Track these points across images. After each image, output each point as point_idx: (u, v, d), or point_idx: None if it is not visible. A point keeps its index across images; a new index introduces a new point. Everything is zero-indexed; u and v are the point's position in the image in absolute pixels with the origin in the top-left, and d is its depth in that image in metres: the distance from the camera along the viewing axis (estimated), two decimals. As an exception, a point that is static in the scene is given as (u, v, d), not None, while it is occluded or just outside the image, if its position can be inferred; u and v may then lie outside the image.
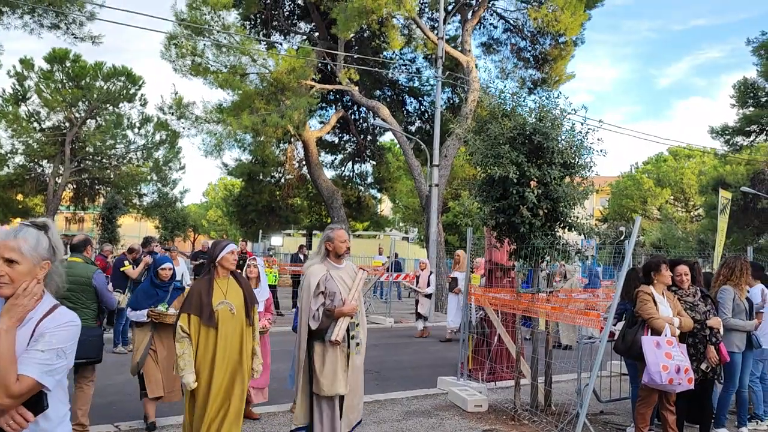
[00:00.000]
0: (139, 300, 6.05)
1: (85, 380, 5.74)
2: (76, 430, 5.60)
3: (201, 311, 4.57)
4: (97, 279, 5.83)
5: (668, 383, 5.44)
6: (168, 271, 6.20)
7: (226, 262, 4.82)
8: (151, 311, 5.93)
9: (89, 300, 5.77)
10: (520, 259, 7.03)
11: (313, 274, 4.92)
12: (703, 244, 29.67)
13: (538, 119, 6.94)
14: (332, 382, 4.76)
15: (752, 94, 30.99)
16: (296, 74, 20.35)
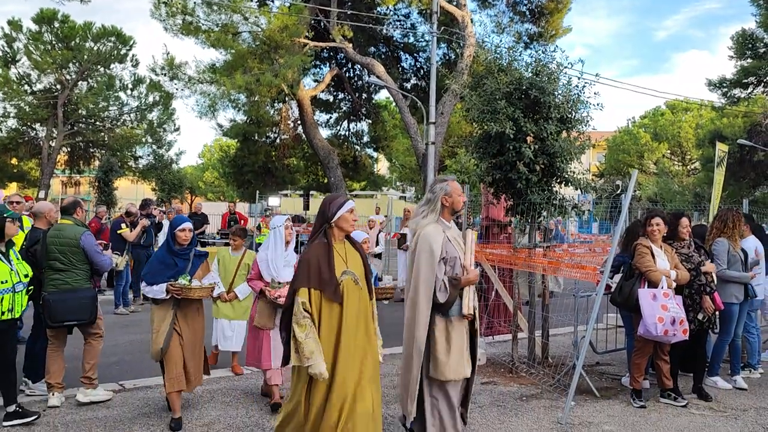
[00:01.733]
0: (155, 272, 5.12)
1: (91, 336, 5.81)
2: (84, 383, 5.71)
3: (324, 284, 3.70)
4: (84, 240, 5.76)
5: (663, 335, 5.54)
6: (188, 233, 5.26)
7: (345, 222, 3.90)
8: (170, 285, 5.06)
9: (79, 261, 5.72)
10: (516, 215, 7.06)
11: (432, 238, 4.18)
12: (699, 197, 29.78)
13: (534, 74, 6.89)
14: (458, 364, 4.14)
15: (750, 45, 30.67)
16: (289, 32, 20.05)
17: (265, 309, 5.59)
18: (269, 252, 5.63)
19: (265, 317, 5.59)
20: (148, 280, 5.14)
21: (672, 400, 6.02)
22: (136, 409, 5.53)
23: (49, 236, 5.75)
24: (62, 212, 6.01)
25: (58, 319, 5.51)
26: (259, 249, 5.76)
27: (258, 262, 5.69)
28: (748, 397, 6.35)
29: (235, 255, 6.84)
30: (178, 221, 5.32)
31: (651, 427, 5.40)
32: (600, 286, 5.69)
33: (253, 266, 5.83)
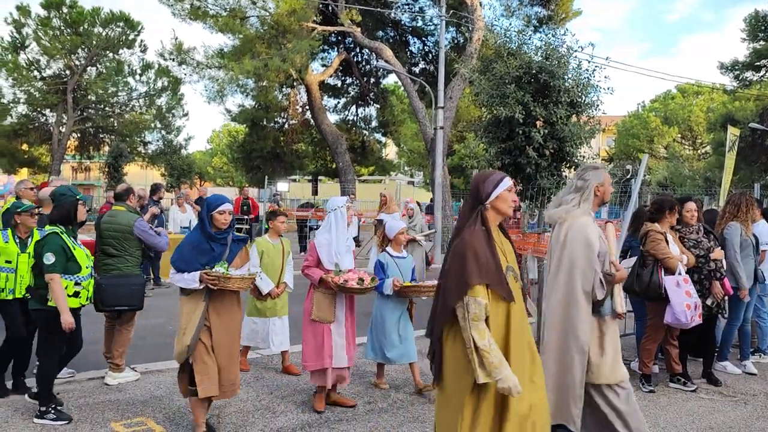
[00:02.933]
0: (187, 258, 4.49)
1: (126, 324, 5.97)
2: (112, 366, 5.90)
3: (496, 280, 3.06)
4: (138, 226, 5.94)
5: (689, 321, 5.51)
6: (227, 215, 4.58)
7: (503, 203, 3.24)
8: (206, 274, 4.42)
9: (132, 248, 5.91)
10: (526, 200, 7.05)
11: (590, 229, 3.80)
12: (710, 181, 29.59)
13: (544, 57, 6.85)
14: (614, 365, 3.81)
15: (763, 27, 30.27)
16: (297, 16, 19.96)
17: (323, 300, 5.16)
18: (331, 236, 5.21)
19: (325, 309, 5.15)
20: (178, 266, 4.50)
21: (681, 385, 6.02)
22: (148, 392, 5.59)
23: (102, 222, 5.95)
24: (116, 198, 6.28)
25: (110, 304, 5.61)
26: (317, 233, 5.39)
27: (317, 247, 5.20)
28: (757, 382, 6.34)
29: (276, 243, 6.24)
30: (217, 201, 4.61)
31: (660, 411, 5.41)
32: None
33: (309, 252, 5.32)
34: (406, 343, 5.68)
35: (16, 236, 5.39)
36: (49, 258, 4.73)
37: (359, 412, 5.20)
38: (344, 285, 5.01)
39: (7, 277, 5.31)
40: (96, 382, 5.84)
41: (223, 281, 4.45)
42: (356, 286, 5.04)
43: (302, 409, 5.22)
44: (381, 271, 5.58)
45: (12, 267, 5.33)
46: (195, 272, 4.44)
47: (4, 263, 5.30)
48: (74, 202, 5.01)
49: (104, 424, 4.83)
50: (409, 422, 5.00)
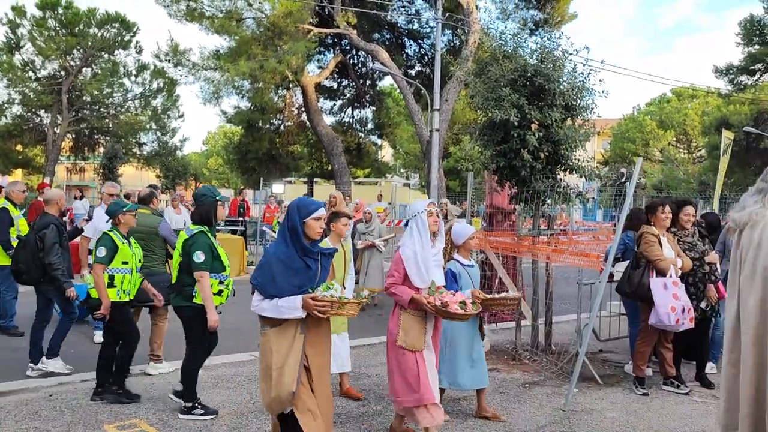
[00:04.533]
0: (278, 280, 3.60)
1: (159, 318, 6.31)
2: (152, 358, 6.21)
3: None
4: (162, 228, 6.35)
5: (675, 323, 5.54)
6: (323, 222, 3.82)
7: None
8: (313, 300, 3.58)
9: (157, 247, 6.29)
10: (520, 203, 7.05)
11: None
12: (704, 185, 29.66)
13: (539, 61, 6.86)
14: None
15: (758, 31, 30.39)
16: (293, 18, 19.96)
17: (414, 325, 4.39)
18: (417, 247, 4.42)
19: (415, 335, 4.37)
20: (267, 291, 3.60)
21: (675, 388, 6.04)
22: (142, 394, 5.57)
23: None
24: (140, 202, 6.66)
25: (140, 299, 5.84)
26: (403, 244, 4.52)
27: (404, 261, 4.41)
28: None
29: (337, 248, 5.28)
30: (311, 205, 3.78)
31: (653, 414, 5.42)
32: (603, 274, 5.70)
33: (394, 267, 4.48)
34: (479, 365, 5.08)
35: (121, 235, 5.57)
36: (199, 256, 4.90)
37: (353, 414, 5.20)
38: (444, 309, 4.25)
39: (123, 278, 5.46)
40: (89, 384, 5.81)
41: (337, 307, 3.64)
42: (459, 311, 4.26)
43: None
44: (454, 282, 4.94)
45: (128, 268, 5.50)
46: (294, 298, 3.59)
47: (121, 264, 5.45)
48: (214, 203, 5.16)
49: (98, 426, 4.81)
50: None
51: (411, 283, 4.40)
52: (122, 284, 5.43)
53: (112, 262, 5.37)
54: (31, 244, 6.11)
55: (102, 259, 5.31)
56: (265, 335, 3.69)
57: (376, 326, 8.87)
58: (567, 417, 5.27)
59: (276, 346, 3.62)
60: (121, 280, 5.43)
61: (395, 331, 4.45)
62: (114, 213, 5.53)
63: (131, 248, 5.53)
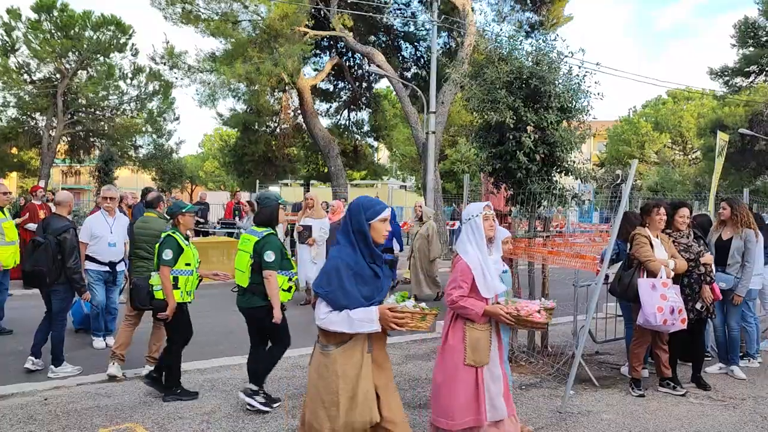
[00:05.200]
0: (348, 289, 3.18)
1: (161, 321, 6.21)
2: (149, 361, 6.19)
3: None
4: None
5: (662, 324, 5.56)
6: (389, 224, 3.42)
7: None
8: (394, 314, 3.21)
9: None
10: (516, 205, 7.06)
11: None
12: (700, 186, 29.75)
13: (535, 63, 6.87)
14: None
15: (752, 33, 30.54)
16: (289, 21, 19.95)
17: (481, 339, 4.02)
18: (480, 254, 4.09)
19: (482, 350, 4.01)
20: (339, 301, 3.17)
21: (671, 389, 6.04)
22: (137, 398, 5.56)
23: (135, 227, 6.41)
24: (147, 206, 6.84)
25: (145, 302, 5.92)
26: (462, 252, 4.17)
27: (472, 269, 4.02)
28: (746, 387, 6.37)
29: None
30: (376, 205, 3.38)
31: (650, 415, 5.42)
32: (599, 276, 5.70)
33: (461, 277, 4.03)
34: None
35: (183, 237, 5.68)
36: (270, 256, 5.14)
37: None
38: (527, 318, 3.95)
39: (186, 279, 5.59)
40: (85, 388, 5.80)
41: (418, 319, 3.28)
42: (541, 320, 4.00)
43: (292, 414, 5.20)
44: None
45: (191, 269, 5.62)
46: (369, 309, 3.19)
47: (184, 266, 5.57)
48: (276, 206, 5.41)
49: (92, 430, 4.80)
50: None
51: (477, 293, 4.01)
52: (185, 286, 5.59)
53: (176, 264, 5.52)
54: (52, 246, 6.10)
55: (168, 262, 5.46)
56: (327, 356, 3.23)
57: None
58: (564, 419, 5.27)
59: (342, 369, 3.19)
60: (185, 281, 5.58)
61: (461, 348, 4.00)
62: (174, 214, 5.68)
63: (192, 249, 5.67)
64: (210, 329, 8.71)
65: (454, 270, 4.13)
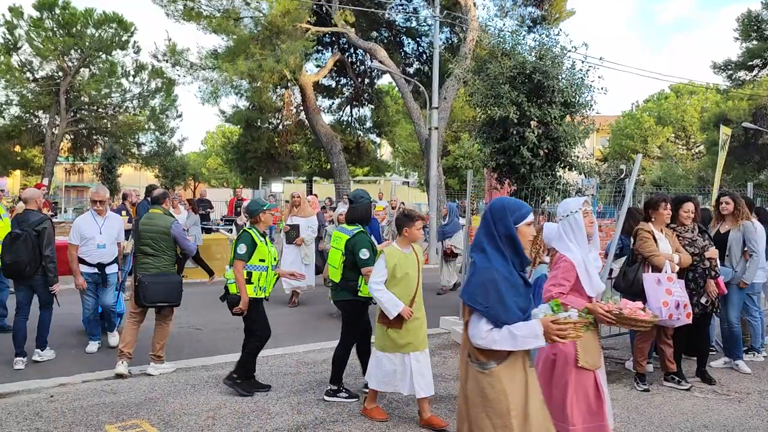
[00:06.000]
0: (507, 302, 2.87)
1: (165, 319, 6.34)
2: (153, 359, 6.21)
3: None
4: (175, 228, 6.31)
5: (668, 318, 5.55)
6: (532, 228, 3.22)
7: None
8: (558, 326, 2.94)
9: (168, 248, 6.26)
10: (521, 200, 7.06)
11: None
12: (703, 181, 29.70)
13: (538, 58, 6.87)
14: None
15: (756, 27, 30.41)
16: (291, 17, 19.95)
17: (591, 340, 3.82)
18: (582, 252, 3.94)
19: (594, 352, 3.84)
20: (500, 317, 2.86)
21: (676, 384, 6.04)
22: (143, 395, 5.57)
23: (141, 224, 6.32)
24: (152, 202, 6.71)
25: (151, 300, 6.07)
26: (564, 249, 3.98)
27: (576, 267, 3.87)
28: (751, 381, 6.36)
29: (409, 252, 4.95)
30: (521, 207, 3.11)
31: (654, 410, 5.42)
32: (603, 271, 5.70)
33: (562, 275, 3.87)
34: None
35: (259, 233, 5.74)
36: (364, 253, 5.30)
37: (354, 413, 5.19)
38: (631, 317, 3.71)
39: (260, 275, 5.65)
40: (91, 385, 5.82)
41: (582, 329, 3.08)
42: (647, 317, 3.75)
43: (298, 410, 5.21)
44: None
45: (265, 265, 5.68)
46: (531, 323, 2.92)
47: (258, 262, 5.63)
48: (368, 205, 5.61)
49: (99, 427, 4.81)
50: (403, 423, 4.99)
51: (582, 292, 3.87)
52: (259, 281, 5.64)
53: (250, 259, 5.59)
54: (31, 238, 6.35)
55: (242, 256, 5.56)
56: (489, 374, 2.94)
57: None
58: (568, 414, 5.26)
59: (510, 387, 2.93)
60: (258, 277, 5.64)
61: (572, 350, 3.77)
62: (254, 212, 5.76)
63: (268, 246, 5.71)
64: (215, 326, 8.73)
65: (555, 267, 3.97)
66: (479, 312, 2.88)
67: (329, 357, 5.85)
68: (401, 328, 4.79)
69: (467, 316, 2.99)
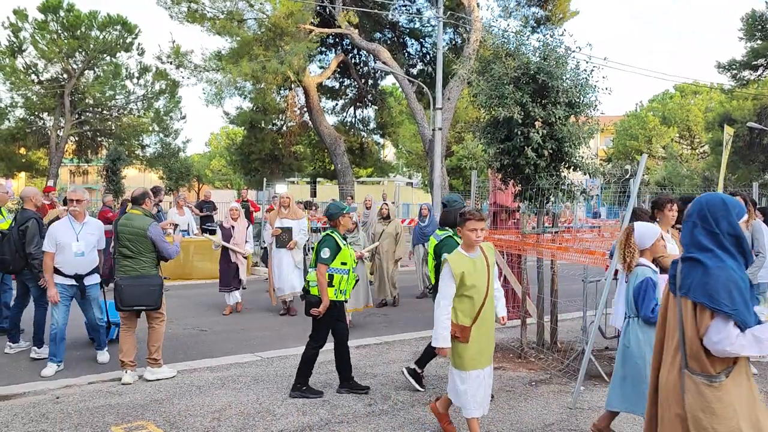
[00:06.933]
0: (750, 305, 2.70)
1: (155, 320, 6.17)
2: (150, 363, 6.08)
3: None
4: (152, 230, 6.03)
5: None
6: None
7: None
8: None
9: (146, 250, 6.02)
10: (525, 201, 7.04)
11: None
12: (708, 181, 29.59)
13: (542, 58, 6.84)
14: None
15: (760, 26, 30.31)
16: (294, 18, 19.98)
17: None
18: None
19: None
20: (747, 322, 2.65)
21: (681, 385, 6.00)
22: (148, 396, 5.58)
23: (119, 225, 6.11)
24: (132, 202, 6.36)
25: (128, 304, 5.90)
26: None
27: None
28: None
29: (476, 256, 4.48)
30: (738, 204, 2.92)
31: (660, 411, 5.40)
32: (609, 271, 5.68)
33: None
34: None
35: (341, 237, 5.78)
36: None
37: (359, 414, 5.19)
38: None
39: (341, 278, 5.66)
40: (96, 386, 5.83)
41: None
42: None
43: (303, 411, 5.21)
44: (653, 293, 4.26)
45: (346, 269, 5.68)
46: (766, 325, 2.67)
47: (340, 265, 5.64)
48: (460, 209, 5.46)
49: (105, 429, 4.82)
50: (409, 424, 4.99)
51: None
52: (340, 284, 5.65)
53: (333, 262, 5.60)
54: (15, 236, 6.64)
55: (326, 260, 5.56)
56: (718, 387, 2.69)
57: (382, 327, 8.89)
58: (574, 415, 5.26)
59: (738, 402, 2.69)
60: (340, 280, 5.63)
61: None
62: (334, 215, 5.77)
63: (349, 249, 5.74)
64: (220, 328, 8.74)
65: None
66: (724, 315, 2.63)
67: (333, 358, 5.86)
68: (468, 342, 4.38)
69: (705, 320, 2.69)
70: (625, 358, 4.36)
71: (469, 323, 4.36)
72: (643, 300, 4.22)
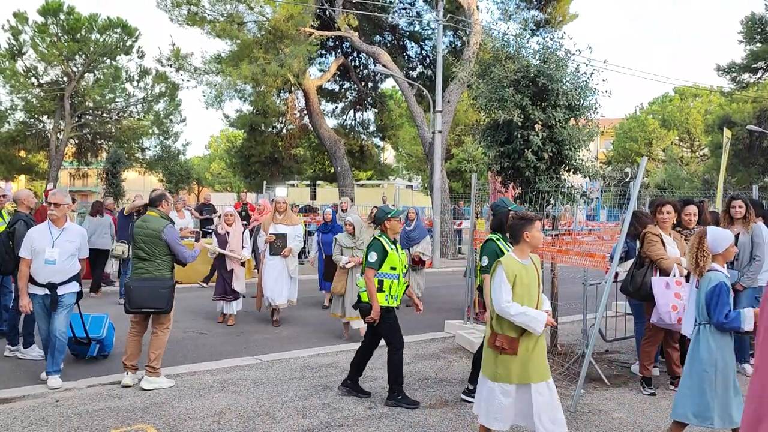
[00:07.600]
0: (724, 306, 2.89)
1: (159, 326, 6.07)
2: (148, 371, 5.95)
3: None
4: (167, 233, 5.96)
5: (677, 323, 5.52)
6: None
7: None
8: None
9: (161, 252, 5.96)
10: (525, 204, 7.04)
11: None
12: (708, 183, 29.59)
13: (542, 61, 6.85)
14: None
15: (760, 29, 30.31)
16: (294, 21, 19.99)
17: None
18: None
19: None
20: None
21: (681, 388, 5.99)
22: (148, 399, 5.57)
23: (135, 227, 6.07)
24: (149, 204, 6.32)
25: (136, 305, 5.83)
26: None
27: None
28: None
29: (527, 263, 4.34)
30: None
31: (661, 414, 5.40)
32: (609, 274, 5.68)
33: None
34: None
35: (389, 241, 5.69)
36: (484, 260, 5.43)
37: (359, 417, 5.19)
38: None
39: (391, 283, 5.56)
40: (96, 389, 5.82)
41: None
42: None
43: (303, 415, 5.20)
44: (727, 298, 4.18)
45: (396, 273, 5.58)
46: None
47: (389, 269, 5.56)
48: (506, 213, 5.52)
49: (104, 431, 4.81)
50: (409, 427, 4.98)
51: None
52: (390, 289, 5.56)
53: (381, 267, 5.52)
54: (2, 238, 6.74)
55: (373, 264, 5.50)
56: None
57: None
58: (574, 418, 5.25)
59: None
60: (390, 285, 5.55)
61: None
62: (381, 219, 5.74)
63: (398, 254, 5.64)
64: (220, 330, 8.73)
65: None
66: None
67: (333, 361, 5.86)
68: (517, 354, 4.12)
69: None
70: (693, 366, 4.27)
71: (516, 335, 4.15)
72: (716, 305, 4.15)
